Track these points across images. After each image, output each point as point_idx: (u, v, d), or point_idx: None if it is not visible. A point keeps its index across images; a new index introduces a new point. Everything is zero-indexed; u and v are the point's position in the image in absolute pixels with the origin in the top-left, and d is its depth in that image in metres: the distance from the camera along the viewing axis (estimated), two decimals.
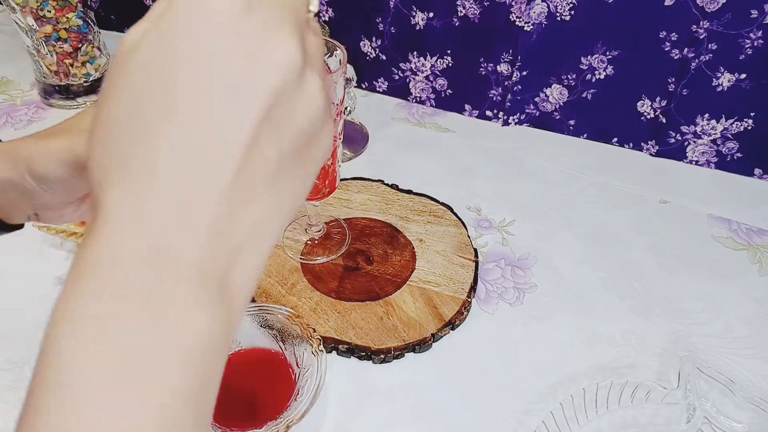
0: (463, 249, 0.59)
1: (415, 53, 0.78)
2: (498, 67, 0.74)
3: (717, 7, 0.61)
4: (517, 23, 0.69)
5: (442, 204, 0.65)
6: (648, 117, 0.72)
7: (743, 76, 0.65)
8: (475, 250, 0.59)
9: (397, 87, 0.83)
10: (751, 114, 0.67)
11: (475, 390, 0.48)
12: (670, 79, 0.68)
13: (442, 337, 0.51)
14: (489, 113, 0.79)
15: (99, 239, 0.17)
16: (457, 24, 0.73)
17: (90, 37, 0.74)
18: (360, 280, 0.56)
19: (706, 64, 0.65)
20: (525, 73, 0.73)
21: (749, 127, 0.68)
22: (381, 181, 0.67)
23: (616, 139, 0.76)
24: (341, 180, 0.65)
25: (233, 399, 0.44)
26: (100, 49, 0.77)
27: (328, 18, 0.80)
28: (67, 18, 0.70)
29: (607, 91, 0.72)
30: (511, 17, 0.69)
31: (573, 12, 0.67)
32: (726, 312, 0.55)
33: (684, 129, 0.71)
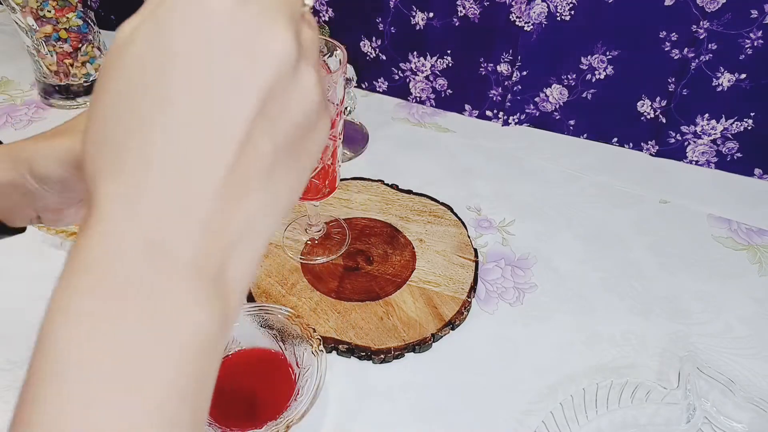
0: (463, 249, 0.59)
1: (415, 53, 0.78)
2: (498, 67, 0.74)
3: (717, 7, 0.61)
4: (517, 23, 0.69)
5: (442, 204, 0.65)
6: (648, 117, 0.72)
7: (743, 76, 0.65)
8: (475, 250, 0.59)
9: (397, 87, 0.83)
10: (751, 114, 0.67)
11: (475, 390, 0.48)
12: (670, 79, 0.68)
13: (442, 337, 0.51)
14: (489, 113, 0.79)
15: (93, 234, 0.17)
16: (457, 24, 0.73)
17: (90, 37, 0.74)
18: (360, 280, 0.56)
19: (706, 64, 0.65)
20: (525, 73, 0.73)
21: (749, 127, 0.68)
22: (381, 181, 0.67)
23: (616, 139, 0.76)
24: (341, 180, 0.65)
25: (233, 399, 0.44)
26: (100, 49, 0.77)
27: (328, 18, 0.80)
28: (67, 18, 0.70)
29: (607, 91, 0.72)
30: (511, 17, 0.69)
31: (573, 12, 0.67)
32: (726, 312, 0.55)
33: (684, 129, 0.71)
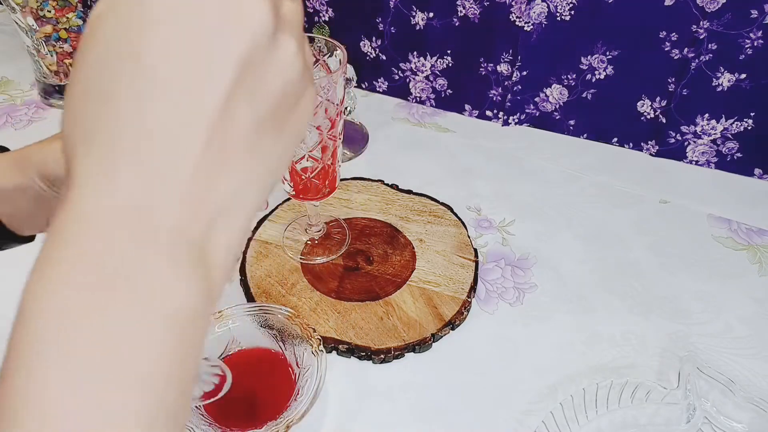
0: (463, 249, 0.59)
1: (415, 53, 0.78)
2: (498, 67, 0.74)
3: (717, 7, 0.61)
4: (517, 23, 0.69)
5: (442, 204, 0.65)
6: (648, 117, 0.72)
7: (743, 76, 0.65)
8: (475, 250, 0.59)
9: (397, 87, 0.83)
10: (751, 114, 0.67)
11: (475, 390, 0.48)
12: (670, 79, 0.68)
13: (442, 337, 0.51)
14: (489, 113, 0.79)
15: (70, 208, 0.16)
16: (457, 24, 0.73)
17: None
18: (360, 280, 0.56)
19: (706, 64, 0.65)
20: (525, 73, 0.73)
21: (749, 127, 0.68)
22: (381, 181, 0.67)
23: (616, 139, 0.76)
24: (341, 180, 0.65)
25: (233, 399, 0.44)
26: None
27: (328, 18, 0.80)
28: (67, 18, 0.70)
29: (607, 91, 0.72)
30: (511, 17, 0.69)
31: (573, 12, 0.67)
32: (726, 312, 0.55)
33: (684, 129, 0.71)
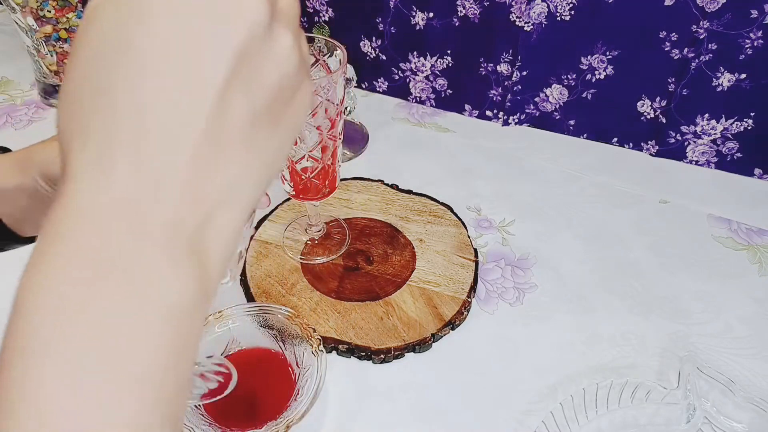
0: (463, 249, 0.59)
1: (415, 53, 0.78)
2: (498, 67, 0.74)
3: (717, 7, 0.61)
4: (517, 23, 0.69)
5: (442, 204, 0.65)
6: (648, 117, 0.72)
7: (743, 76, 0.65)
8: (475, 250, 0.59)
9: (397, 87, 0.83)
10: (751, 114, 0.67)
11: (475, 390, 0.48)
12: (670, 79, 0.68)
13: (442, 337, 0.51)
14: (489, 113, 0.79)
15: (66, 202, 0.16)
16: (457, 24, 0.73)
17: None
18: (360, 280, 0.56)
19: (706, 64, 0.65)
20: (525, 73, 0.73)
21: (749, 127, 0.68)
22: (381, 181, 0.67)
23: (616, 139, 0.76)
24: (341, 180, 0.65)
25: (233, 399, 0.44)
26: None
27: (328, 18, 0.80)
28: (67, 18, 0.70)
29: (607, 91, 0.72)
30: (511, 17, 0.69)
31: (573, 12, 0.67)
32: (726, 312, 0.55)
33: (684, 129, 0.71)
